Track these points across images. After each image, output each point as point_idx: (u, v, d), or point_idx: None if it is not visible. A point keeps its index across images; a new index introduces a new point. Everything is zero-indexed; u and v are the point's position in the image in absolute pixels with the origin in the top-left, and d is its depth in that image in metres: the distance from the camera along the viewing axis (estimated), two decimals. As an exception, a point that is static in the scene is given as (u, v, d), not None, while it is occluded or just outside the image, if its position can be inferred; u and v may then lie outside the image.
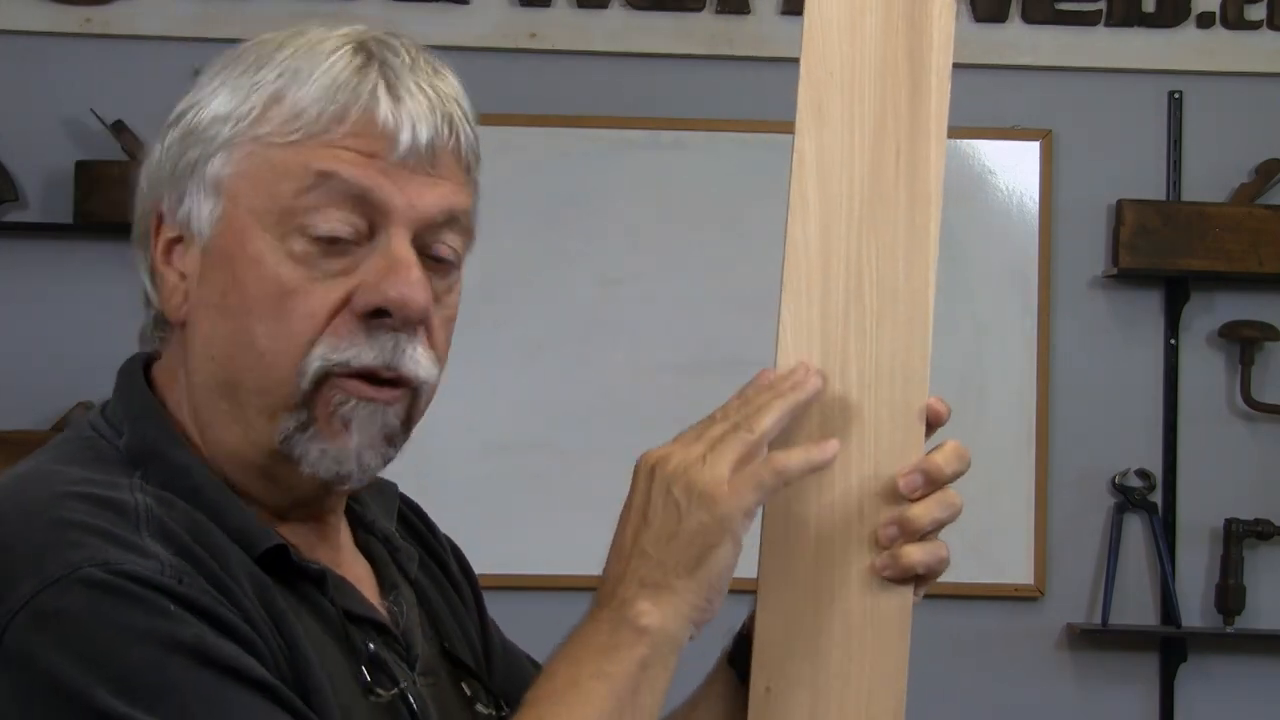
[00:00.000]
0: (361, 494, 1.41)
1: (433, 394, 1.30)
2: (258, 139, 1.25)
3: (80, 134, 4.02)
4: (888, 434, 1.31)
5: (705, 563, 1.22)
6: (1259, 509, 4.10)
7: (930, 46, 1.33)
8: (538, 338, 4.06)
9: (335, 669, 1.24)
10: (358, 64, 1.25)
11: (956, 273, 4.06)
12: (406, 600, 1.37)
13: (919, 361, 1.32)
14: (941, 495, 1.29)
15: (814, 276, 1.32)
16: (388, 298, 1.23)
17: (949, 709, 4.07)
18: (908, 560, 1.29)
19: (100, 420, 1.30)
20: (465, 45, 3.97)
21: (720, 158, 4.07)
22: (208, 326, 1.26)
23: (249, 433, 1.26)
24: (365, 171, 1.23)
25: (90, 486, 1.19)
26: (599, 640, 1.23)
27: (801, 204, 1.32)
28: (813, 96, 1.33)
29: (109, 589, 1.12)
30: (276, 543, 1.24)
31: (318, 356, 1.23)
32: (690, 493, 1.22)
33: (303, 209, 1.23)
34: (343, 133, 1.23)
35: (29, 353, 4.02)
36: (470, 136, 1.29)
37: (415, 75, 1.26)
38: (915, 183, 1.32)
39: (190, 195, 1.27)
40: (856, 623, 1.30)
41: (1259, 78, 4.15)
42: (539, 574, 3.84)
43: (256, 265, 1.24)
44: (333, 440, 1.25)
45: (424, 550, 1.47)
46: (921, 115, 1.32)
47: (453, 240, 1.28)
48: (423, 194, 1.25)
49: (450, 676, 1.38)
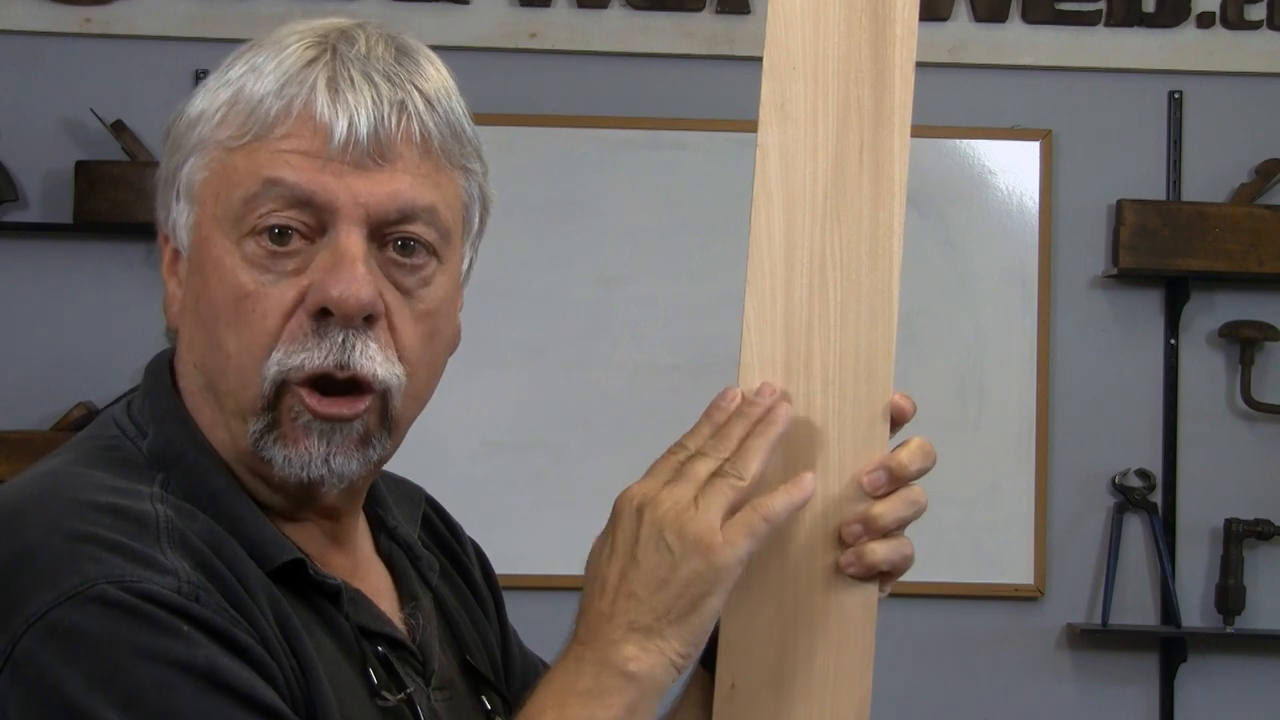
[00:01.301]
0: (385, 498, 1.40)
1: (420, 391, 1.28)
2: (220, 143, 1.25)
3: (80, 134, 4.02)
4: (851, 431, 1.29)
5: (697, 611, 1.21)
6: (1259, 509, 4.10)
7: (894, 39, 1.32)
8: (538, 338, 4.06)
9: (347, 684, 1.23)
10: (309, 58, 1.24)
11: (956, 273, 4.06)
12: (425, 611, 1.36)
13: (883, 358, 1.30)
14: (906, 492, 1.28)
15: (777, 272, 1.30)
16: (329, 296, 1.21)
17: (949, 709, 4.07)
18: (872, 558, 1.27)
19: (125, 418, 1.29)
20: (465, 45, 3.97)
21: (720, 158, 4.06)
22: (188, 333, 1.28)
23: (231, 435, 1.26)
24: (308, 174, 1.22)
25: (112, 495, 1.19)
26: (584, 684, 1.20)
27: (765, 199, 1.31)
28: (776, 90, 1.32)
29: (124, 607, 1.11)
30: (294, 556, 1.24)
31: (275, 362, 1.23)
32: (684, 540, 1.20)
33: (254, 214, 1.23)
34: (285, 131, 1.23)
35: (29, 353, 4.02)
36: (443, 123, 1.26)
37: (367, 65, 1.24)
38: (880, 177, 1.31)
39: (173, 205, 1.28)
40: (821, 620, 1.29)
41: (1259, 78, 4.15)
42: (539, 574, 3.84)
43: (218, 271, 1.24)
44: (294, 446, 1.24)
45: (448, 557, 1.46)
46: (885, 108, 1.31)
47: (421, 230, 1.26)
48: (370, 187, 1.23)
49: (469, 689, 1.38)
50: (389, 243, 1.25)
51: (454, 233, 1.29)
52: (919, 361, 4.02)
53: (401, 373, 1.25)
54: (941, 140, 4.06)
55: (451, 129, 1.27)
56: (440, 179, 1.27)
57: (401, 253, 1.25)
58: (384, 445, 1.27)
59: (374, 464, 1.28)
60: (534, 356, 4.06)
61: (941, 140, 4.06)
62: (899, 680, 3.98)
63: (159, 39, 4.03)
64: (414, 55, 1.28)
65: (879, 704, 1.26)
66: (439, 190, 1.27)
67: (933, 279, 4.06)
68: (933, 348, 4.06)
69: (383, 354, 1.24)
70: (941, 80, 4.05)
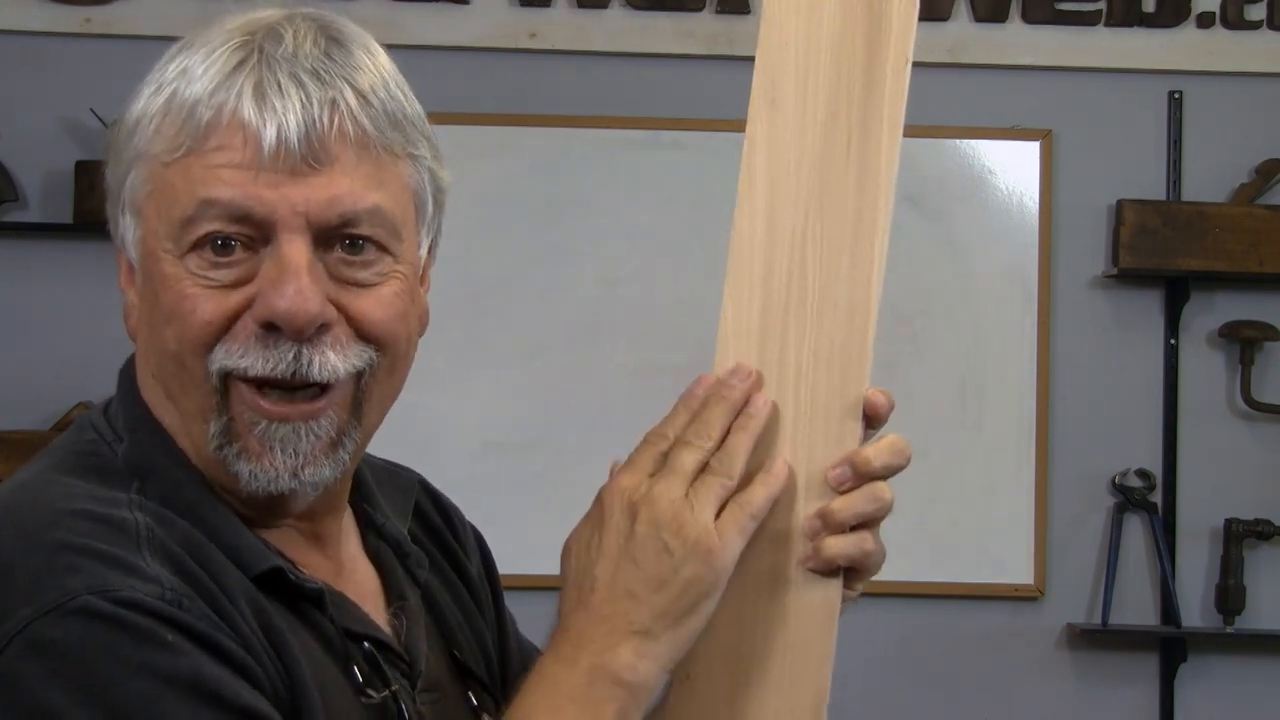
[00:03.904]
0: (373, 493, 1.38)
1: (394, 367, 1.25)
2: (156, 157, 1.22)
3: (80, 134, 4.02)
4: (822, 425, 1.28)
5: (695, 613, 1.21)
6: (1259, 509, 4.10)
7: (889, 33, 1.29)
8: (538, 338, 4.06)
9: (332, 684, 1.22)
10: (235, 62, 1.21)
11: (956, 273, 4.06)
12: (412, 611, 1.35)
13: (858, 354, 1.28)
14: (869, 489, 1.26)
15: (757, 262, 1.29)
16: (274, 310, 1.19)
17: (949, 709, 4.07)
18: (829, 553, 1.26)
19: (103, 422, 1.28)
20: (465, 45, 3.96)
21: (720, 158, 4.06)
22: (144, 344, 1.26)
23: (194, 441, 1.24)
24: (243, 189, 1.19)
25: (91, 503, 1.18)
26: (577, 690, 1.20)
27: (749, 189, 1.30)
28: (766, 81, 1.30)
29: (106, 618, 1.10)
30: (273, 564, 1.22)
31: (218, 358, 1.21)
32: (683, 541, 1.21)
33: (193, 233, 1.20)
34: (217, 142, 1.19)
35: (29, 353, 4.02)
36: (379, 116, 1.22)
37: (295, 64, 1.20)
38: (865, 173, 1.29)
39: (120, 219, 1.27)
40: (780, 614, 1.27)
41: (1259, 78, 4.15)
42: (539, 574, 3.83)
43: (164, 284, 1.22)
44: (258, 461, 1.21)
45: (441, 548, 1.45)
46: (875, 103, 1.29)
47: (367, 230, 1.22)
48: (307, 194, 1.19)
49: (458, 688, 1.37)
50: (335, 244, 1.22)
51: (404, 226, 1.25)
52: (919, 361, 4.02)
53: (373, 352, 1.23)
54: (941, 140, 4.06)
55: (390, 119, 1.23)
56: (383, 175, 1.23)
57: (350, 251, 1.22)
58: (355, 439, 1.24)
59: (346, 464, 1.25)
60: (534, 356, 4.06)
61: (941, 140, 4.06)
62: (899, 680, 3.98)
63: (159, 39, 3.99)
64: (346, 45, 1.23)
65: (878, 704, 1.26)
66: (382, 188, 1.23)
67: (933, 279, 4.06)
68: (933, 348, 4.06)
69: (340, 354, 1.21)
70: (941, 80, 4.05)
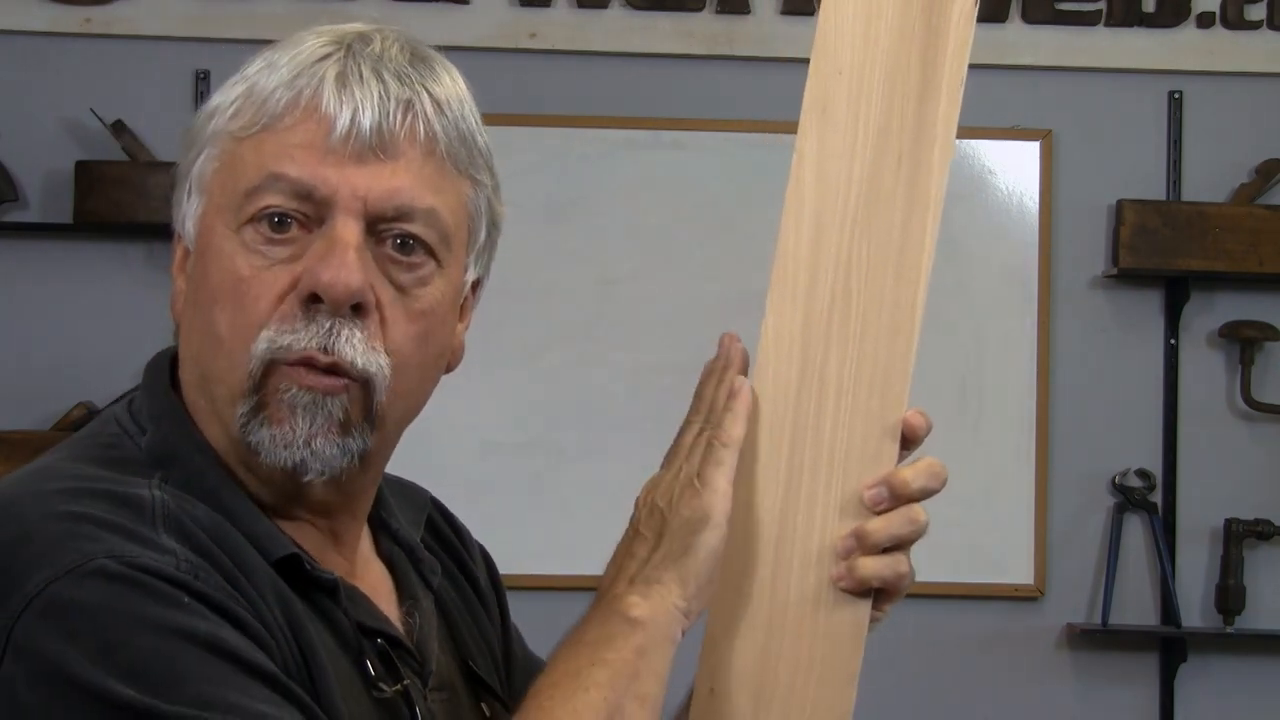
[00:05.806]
0: (388, 501, 1.40)
1: (409, 390, 1.27)
2: (230, 134, 1.26)
3: (80, 134, 4.02)
4: (859, 444, 1.28)
5: (691, 552, 1.26)
6: (1259, 509, 4.10)
7: (945, 51, 1.30)
8: (538, 338, 4.06)
9: (344, 676, 1.23)
10: (323, 54, 1.25)
11: (956, 273, 4.06)
12: (424, 612, 1.36)
13: (899, 373, 1.29)
14: (905, 511, 1.28)
15: (801, 277, 1.29)
16: (318, 280, 1.21)
17: (949, 709, 4.07)
18: (863, 573, 1.27)
19: (126, 415, 1.29)
20: (465, 45, 3.97)
21: (720, 158, 4.07)
22: (188, 324, 1.28)
23: (223, 426, 1.25)
24: (310, 167, 1.23)
25: (107, 484, 1.19)
26: (592, 634, 1.24)
27: (797, 203, 1.29)
28: (819, 94, 1.29)
29: (124, 579, 1.11)
30: (290, 551, 1.23)
31: (264, 340, 1.22)
32: (670, 495, 1.28)
33: (254, 205, 1.24)
34: (291, 121, 1.23)
35: (29, 353, 4.02)
36: (451, 128, 1.26)
37: (380, 63, 1.25)
38: (915, 189, 1.28)
39: (185, 201, 1.29)
40: (808, 632, 1.27)
41: (1259, 78, 4.15)
42: (539, 574, 3.84)
43: (218, 258, 1.24)
44: (279, 425, 1.23)
45: (452, 561, 1.46)
46: (928, 121, 1.28)
47: (419, 230, 1.25)
48: (369, 181, 1.23)
49: (470, 694, 1.37)
50: (387, 239, 1.25)
51: (455, 239, 1.28)
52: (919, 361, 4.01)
53: (386, 364, 1.24)
54: (941, 140, 4.06)
55: (460, 135, 1.27)
56: (443, 184, 1.27)
57: (399, 250, 1.25)
58: (365, 438, 1.25)
59: (355, 456, 1.26)
60: (534, 356, 4.06)
61: (941, 140, 4.06)
62: (899, 680, 3.98)
63: (159, 39, 4.03)
64: (429, 61, 1.28)
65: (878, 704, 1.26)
66: (440, 195, 1.26)
67: (933, 279, 4.03)
68: (933, 348, 4.04)
69: (366, 344, 1.23)
70: (941, 80, 4.05)
